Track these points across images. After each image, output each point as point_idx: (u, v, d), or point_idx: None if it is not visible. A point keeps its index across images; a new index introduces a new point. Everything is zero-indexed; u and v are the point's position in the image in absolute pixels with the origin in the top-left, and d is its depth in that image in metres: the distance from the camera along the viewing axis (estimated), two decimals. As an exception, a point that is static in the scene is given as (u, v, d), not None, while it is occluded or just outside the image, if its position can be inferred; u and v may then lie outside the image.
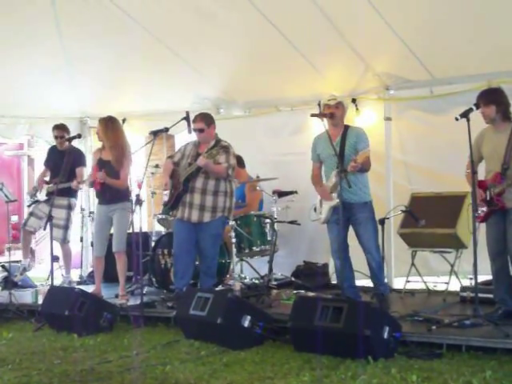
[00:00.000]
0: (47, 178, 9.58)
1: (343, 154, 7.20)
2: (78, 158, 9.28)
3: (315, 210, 7.55)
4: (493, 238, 6.50)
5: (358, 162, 6.85)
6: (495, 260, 6.50)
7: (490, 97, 6.45)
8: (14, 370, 5.72)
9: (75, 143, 9.22)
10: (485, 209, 6.42)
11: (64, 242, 9.28)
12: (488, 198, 6.39)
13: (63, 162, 8.70)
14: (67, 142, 9.14)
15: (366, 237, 7.31)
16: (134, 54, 9.17)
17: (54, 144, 9.69)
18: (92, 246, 8.71)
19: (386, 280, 8.13)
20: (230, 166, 7.81)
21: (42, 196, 9.38)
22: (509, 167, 6.29)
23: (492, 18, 7.18)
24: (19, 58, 9.08)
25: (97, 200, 8.47)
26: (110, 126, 8.35)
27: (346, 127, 7.41)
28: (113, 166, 8.18)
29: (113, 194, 8.18)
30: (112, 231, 8.46)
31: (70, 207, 9.09)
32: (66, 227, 9.23)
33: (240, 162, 9.18)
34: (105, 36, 8.80)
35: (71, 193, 8.84)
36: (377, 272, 7.41)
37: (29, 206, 9.61)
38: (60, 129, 9.48)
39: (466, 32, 7.42)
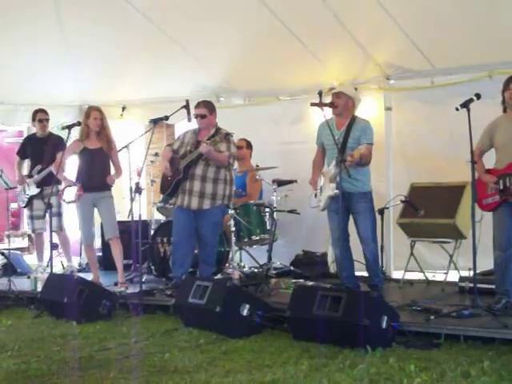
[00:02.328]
0: (24, 172, 9.57)
1: (345, 144, 7.20)
2: (58, 143, 9.25)
3: (315, 196, 7.55)
4: (504, 228, 6.46)
5: (355, 158, 6.86)
6: (505, 250, 6.44)
7: None
8: (13, 357, 5.72)
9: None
10: (497, 198, 6.39)
11: (60, 229, 9.27)
12: (502, 188, 6.36)
13: (44, 150, 8.73)
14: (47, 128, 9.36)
15: (364, 227, 7.31)
16: (134, 42, 9.15)
17: (31, 134, 9.68)
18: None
19: (384, 270, 8.17)
20: (232, 154, 7.82)
21: (32, 191, 9.35)
22: None
23: (493, 8, 7.18)
24: (19, 46, 9.06)
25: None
26: (105, 116, 8.45)
27: (354, 118, 7.39)
28: (105, 153, 8.25)
29: (100, 182, 8.24)
30: (101, 220, 8.53)
31: (57, 193, 9.00)
32: (59, 214, 9.20)
33: (251, 148, 9.38)
34: (105, 24, 8.79)
35: (57, 180, 8.78)
36: (372, 263, 7.42)
37: (25, 207, 9.58)
38: (44, 112, 9.45)
39: (467, 22, 7.43)
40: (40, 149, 9.31)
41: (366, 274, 7.70)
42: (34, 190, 9.33)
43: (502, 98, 6.46)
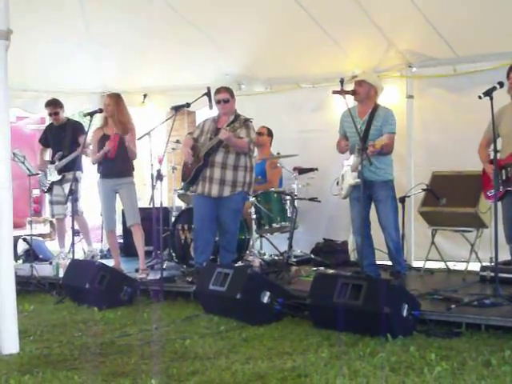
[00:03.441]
0: (47, 158, 9.66)
1: (368, 133, 7.19)
2: (77, 128, 9.35)
3: (337, 183, 7.56)
4: (509, 219, 6.43)
5: (376, 148, 6.85)
6: None
7: None
8: (36, 342, 5.77)
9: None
10: (501, 188, 6.34)
11: (77, 214, 9.28)
12: (504, 178, 6.31)
13: (63, 136, 8.78)
14: (63, 116, 9.59)
15: (385, 215, 7.31)
16: (156, 29, 9.13)
17: (51, 122, 9.77)
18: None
19: (405, 258, 8.15)
20: (252, 140, 7.80)
21: (53, 177, 9.44)
22: None
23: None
24: (42, 33, 9.07)
25: (98, 175, 8.50)
26: (122, 102, 8.44)
27: (376, 106, 7.37)
28: (123, 138, 8.22)
29: (121, 168, 8.26)
30: (122, 206, 8.58)
31: (76, 180, 8.94)
32: (76, 199, 9.19)
33: (272, 136, 9.38)
34: (128, 11, 8.77)
35: (76, 166, 8.82)
36: (394, 251, 7.42)
37: (46, 192, 9.68)
38: (52, 105, 9.59)
39: (490, 10, 7.37)
40: (59, 136, 9.45)
41: (386, 262, 7.70)
42: (55, 176, 9.43)
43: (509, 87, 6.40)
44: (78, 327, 6.34)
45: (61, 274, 8.18)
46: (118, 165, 8.25)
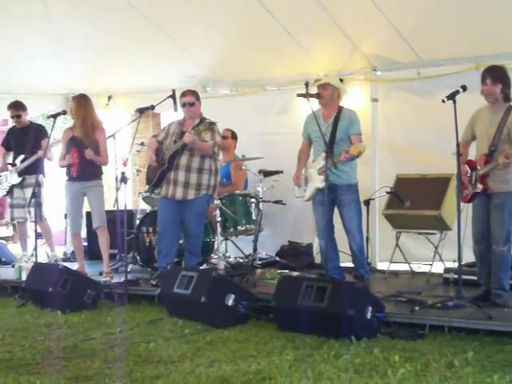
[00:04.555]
0: (9, 161, 9.55)
1: (334, 136, 7.23)
2: (40, 131, 9.26)
3: (299, 186, 7.58)
4: (478, 221, 6.48)
5: (351, 154, 6.88)
6: (479, 243, 6.49)
7: (499, 74, 6.30)
8: (-3, 346, 5.71)
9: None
10: (470, 190, 6.40)
11: (40, 219, 9.15)
12: (474, 179, 6.37)
13: (25, 139, 8.69)
14: (26, 119, 9.44)
15: (349, 218, 7.34)
16: (121, 31, 9.08)
17: (13, 125, 9.67)
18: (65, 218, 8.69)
19: (369, 261, 8.19)
20: (216, 143, 7.79)
21: (13, 179, 9.33)
22: (496, 149, 6.22)
23: (480, 1, 7.18)
24: (5, 35, 9.00)
25: (66, 177, 8.42)
26: (83, 104, 8.36)
27: (340, 109, 7.40)
28: (87, 142, 8.17)
29: (89, 171, 8.20)
30: (89, 209, 8.52)
31: (38, 184, 8.87)
32: (39, 204, 9.08)
33: (236, 138, 9.38)
34: (92, 13, 8.72)
35: (38, 169, 8.73)
36: (358, 255, 7.45)
37: (5, 196, 9.56)
38: (14, 108, 9.46)
39: (453, 15, 7.42)
40: (22, 139, 9.33)
41: (351, 265, 7.72)
42: (15, 179, 9.32)
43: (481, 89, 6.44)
44: (40, 331, 6.27)
45: (23, 278, 8.10)
46: (86, 168, 8.19)
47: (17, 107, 9.43)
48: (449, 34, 7.66)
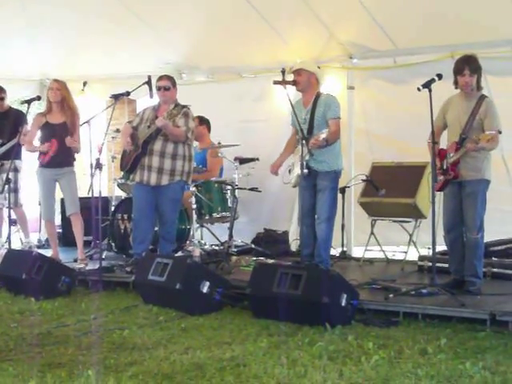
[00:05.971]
0: None
1: (313, 121, 7.22)
2: (19, 117, 9.14)
3: (289, 172, 7.54)
4: (449, 210, 6.51)
5: (319, 141, 6.87)
6: (450, 232, 6.53)
7: (475, 65, 6.33)
8: (-30, 333, 5.67)
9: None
10: (442, 178, 6.42)
11: (16, 205, 9.09)
12: (445, 168, 6.39)
13: (4, 124, 8.59)
14: (6, 104, 9.21)
15: (320, 205, 7.29)
16: (96, 16, 9.02)
17: None
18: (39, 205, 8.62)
19: (345, 249, 8.21)
20: (189, 129, 7.75)
21: None
22: (467, 137, 6.25)
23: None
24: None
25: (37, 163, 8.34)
26: (66, 88, 8.31)
27: (318, 94, 7.39)
28: (68, 128, 8.10)
29: (62, 158, 8.14)
30: (62, 195, 8.47)
31: (16, 169, 8.80)
32: (16, 190, 9.00)
33: (207, 124, 9.32)
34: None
35: (16, 155, 8.66)
36: (321, 243, 7.36)
37: None
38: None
39: (429, 3, 7.44)
40: (1, 123, 9.18)
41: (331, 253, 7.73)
42: None
43: (455, 79, 6.45)
44: (14, 318, 6.23)
45: (-3, 265, 8.04)
46: (59, 155, 8.12)
47: (2, 90, 9.31)
48: (425, 22, 7.68)
